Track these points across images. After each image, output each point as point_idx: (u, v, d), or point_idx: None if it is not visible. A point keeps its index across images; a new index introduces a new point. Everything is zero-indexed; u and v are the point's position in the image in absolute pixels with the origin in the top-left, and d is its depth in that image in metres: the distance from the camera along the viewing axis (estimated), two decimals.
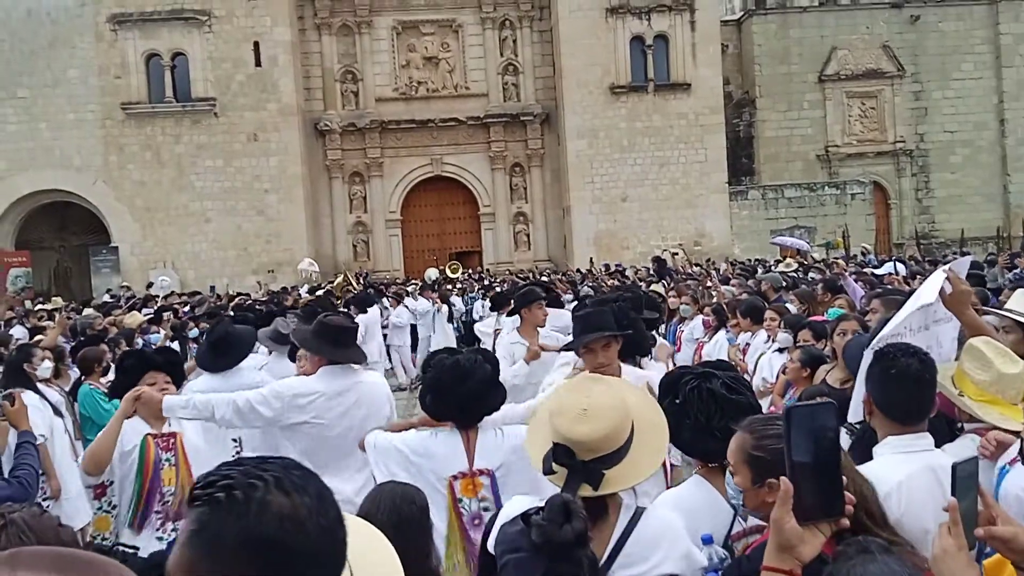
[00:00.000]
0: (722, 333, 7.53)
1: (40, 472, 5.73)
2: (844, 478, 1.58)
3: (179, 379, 4.33)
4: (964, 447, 2.65)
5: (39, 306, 16.12)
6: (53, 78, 25.38)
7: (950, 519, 1.58)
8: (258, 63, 26.01)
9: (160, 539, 3.83)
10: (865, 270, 13.24)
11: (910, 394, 2.47)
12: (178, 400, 3.89)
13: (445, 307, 15.72)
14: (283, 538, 1.12)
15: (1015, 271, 9.89)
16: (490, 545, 2.24)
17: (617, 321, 3.97)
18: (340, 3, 28.04)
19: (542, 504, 2.03)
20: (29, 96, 25.35)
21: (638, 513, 2.27)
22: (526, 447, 2.46)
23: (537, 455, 2.29)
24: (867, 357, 3.13)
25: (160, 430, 3.96)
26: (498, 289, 15.90)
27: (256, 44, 25.97)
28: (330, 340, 4.16)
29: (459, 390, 3.14)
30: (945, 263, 4.45)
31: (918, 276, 9.74)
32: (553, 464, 2.17)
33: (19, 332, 10.64)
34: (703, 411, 2.48)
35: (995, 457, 2.61)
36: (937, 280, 3.15)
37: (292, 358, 5.88)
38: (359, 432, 3.75)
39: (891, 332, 3.04)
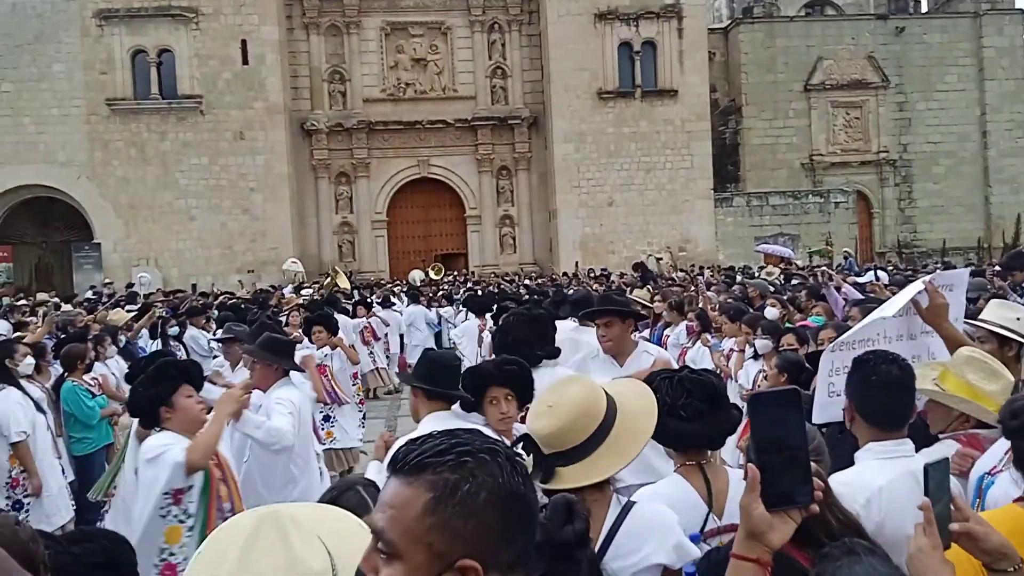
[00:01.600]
0: (705, 338, 7.56)
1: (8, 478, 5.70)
2: (813, 465, 1.59)
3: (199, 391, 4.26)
4: (940, 452, 2.68)
5: (22, 301, 15.97)
6: (38, 72, 25.18)
7: (924, 519, 1.60)
8: (245, 61, 25.90)
9: None
10: (847, 279, 13.32)
11: (891, 400, 2.50)
12: (255, 419, 3.97)
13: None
14: (525, 493, 1.21)
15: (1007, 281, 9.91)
16: None
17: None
18: (329, 3, 27.98)
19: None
20: (13, 90, 25.14)
21: (628, 506, 2.33)
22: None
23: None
24: (825, 360, 3.19)
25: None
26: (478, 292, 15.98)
27: (244, 42, 25.86)
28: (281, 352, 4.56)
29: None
30: (926, 273, 4.49)
31: (899, 286, 9.82)
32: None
33: (1, 327, 10.55)
34: (669, 394, 2.55)
35: (966, 472, 2.66)
36: (910, 291, 3.17)
37: None
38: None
39: (855, 337, 3.09)
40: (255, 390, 4.36)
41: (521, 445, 2.25)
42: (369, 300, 14.58)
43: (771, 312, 6.75)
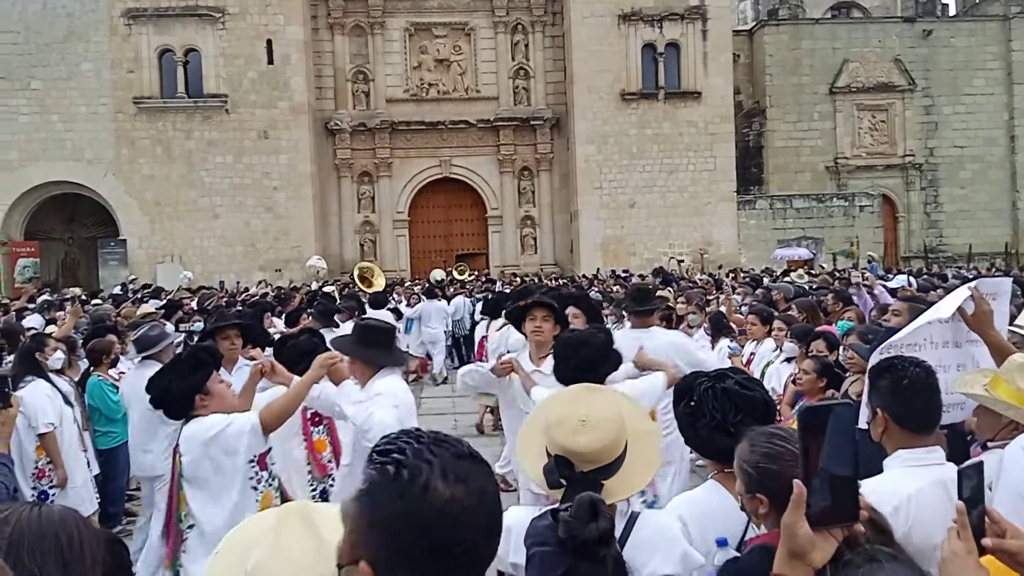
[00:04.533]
0: (724, 341, 7.50)
1: (13, 489, 5.77)
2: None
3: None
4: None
5: (56, 295, 16.19)
6: (67, 71, 25.51)
7: (958, 522, 1.56)
8: (270, 61, 26.10)
9: None
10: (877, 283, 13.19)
11: (924, 402, 2.48)
12: (355, 392, 3.92)
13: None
14: (434, 527, 1.18)
15: None
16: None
17: None
18: (353, 3, 28.12)
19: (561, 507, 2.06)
20: (42, 88, 25.47)
21: (633, 518, 2.30)
22: (519, 457, 2.47)
23: (532, 466, 2.30)
24: (874, 359, 3.13)
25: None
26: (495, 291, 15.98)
27: (269, 42, 26.06)
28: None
29: (576, 356, 3.70)
30: (967, 280, 4.40)
31: (929, 291, 9.70)
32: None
33: (35, 321, 10.69)
34: (718, 408, 2.48)
35: None
36: (959, 296, 3.11)
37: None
38: None
39: (904, 340, 3.03)
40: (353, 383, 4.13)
41: (553, 465, 2.21)
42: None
43: (788, 347, 6.48)
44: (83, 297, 16.25)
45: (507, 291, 14.62)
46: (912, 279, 13.19)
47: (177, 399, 3.67)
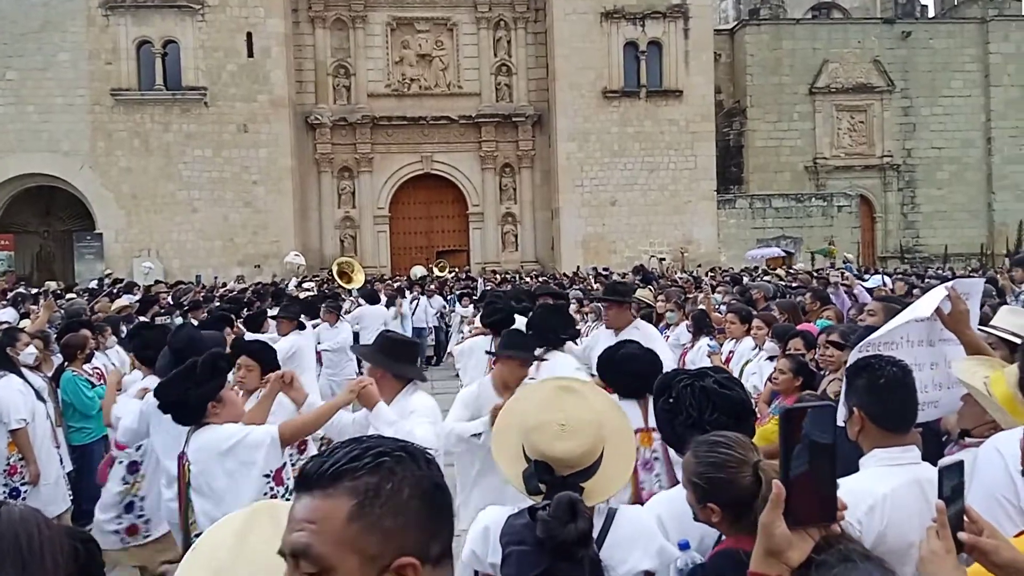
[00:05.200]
0: (704, 340, 7.51)
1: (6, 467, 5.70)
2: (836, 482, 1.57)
3: None
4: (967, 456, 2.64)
5: (30, 289, 15.98)
6: (43, 61, 25.17)
7: (938, 521, 1.56)
8: (250, 54, 25.88)
9: None
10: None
11: (900, 401, 2.49)
12: (389, 415, 3.66)
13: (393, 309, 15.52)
14: (444, 484, 1.21)
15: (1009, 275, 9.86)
16: (471, 540, 2.26)
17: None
18: None
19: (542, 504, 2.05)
20: (17, 79, 25.12)
21: (611, 514, 2.31)
22: (495, 458, 2.45)
23: (511, 471, 2.29)
24: (852, 357, 3.14)
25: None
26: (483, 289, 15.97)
27: (249, 35, 25.84)
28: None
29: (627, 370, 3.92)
30: (942, 280, 4.44)
31: (912, 290, 9.78)
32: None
33: (8, 315, 10.54)
34: (695, 406, 2.51)
35: None
36: (936, 296, 3.13)
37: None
38: None
39: (882, 339, 3.04)
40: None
41: (533, 470, 2.20)
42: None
43: (769, 346, 6.50)
44: (57, 291, 16.06)
45: (490, 289, 14.64)
46: (887, 279, 13.31)
47: (193, 406, 3.60)
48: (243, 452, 3.44)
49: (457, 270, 25.17)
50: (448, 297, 17.86)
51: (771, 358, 5.92)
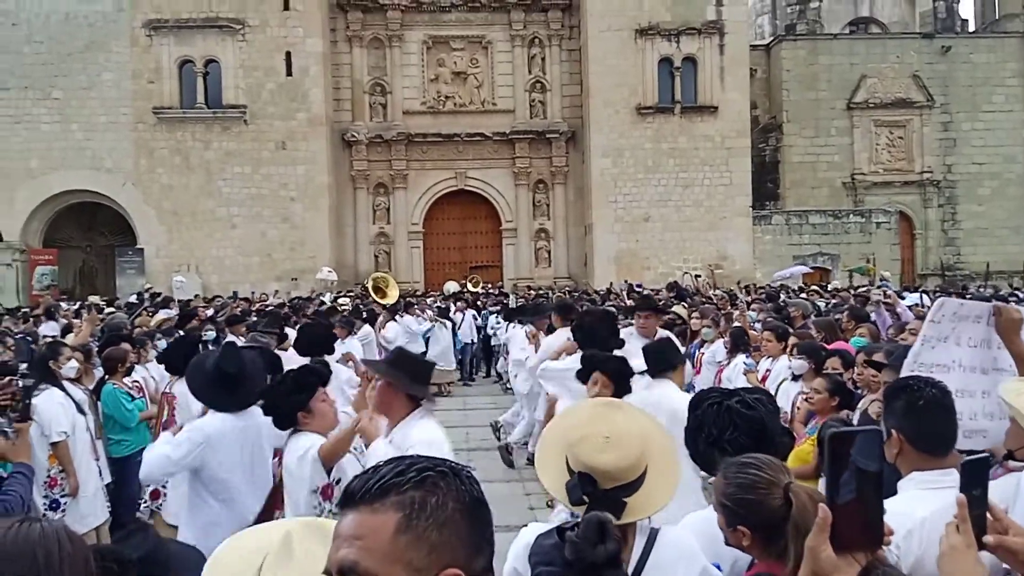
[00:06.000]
0: (740, 357, 7.45)
1: (29, 500, 5.80)
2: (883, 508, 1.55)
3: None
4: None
5: (75, 304, 16.31)
6: (88, 81, 25.80)
7: (958, 516, 1.54)
8: (289, 73, 26.30)
9: None
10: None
11: (939, 424, 2.45)
12: (385, 450, 3.58)
13: (447, 323, 15.72)
14: (485, 500, 1.24)
15: None
16: (512, 558, 2.25)
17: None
18: (372, 16, 28.34)
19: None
20: (63, 97, 25.77)
21: (653, 535, 2.29)
22: (538, 472, 2.46)
23: (553, 483, 2.29)
24: (904, 373, 3.09)
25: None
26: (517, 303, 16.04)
27: (288, 54, 26.27)
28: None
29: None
30: (984, 300, 4.36)
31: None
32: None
33: (50, 328, 10.76)
34: (716, 424, 2.52)
35: None
36: (984, 306, 3.11)
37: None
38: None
39: (934, 360, 3.00)
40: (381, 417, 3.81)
41: (576, 481, 2.20)
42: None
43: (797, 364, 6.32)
44: (100, 305, 16.36)
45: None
46: (926, 297, 13.06)
47: (281, 412, 3.85)
48: (301, 465, 3.65)
49: (490, 286, 25.24)
50: (482, 312, 18.00)
51: (796, 377, 5.85)
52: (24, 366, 6.36)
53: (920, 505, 2.35)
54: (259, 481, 4.35)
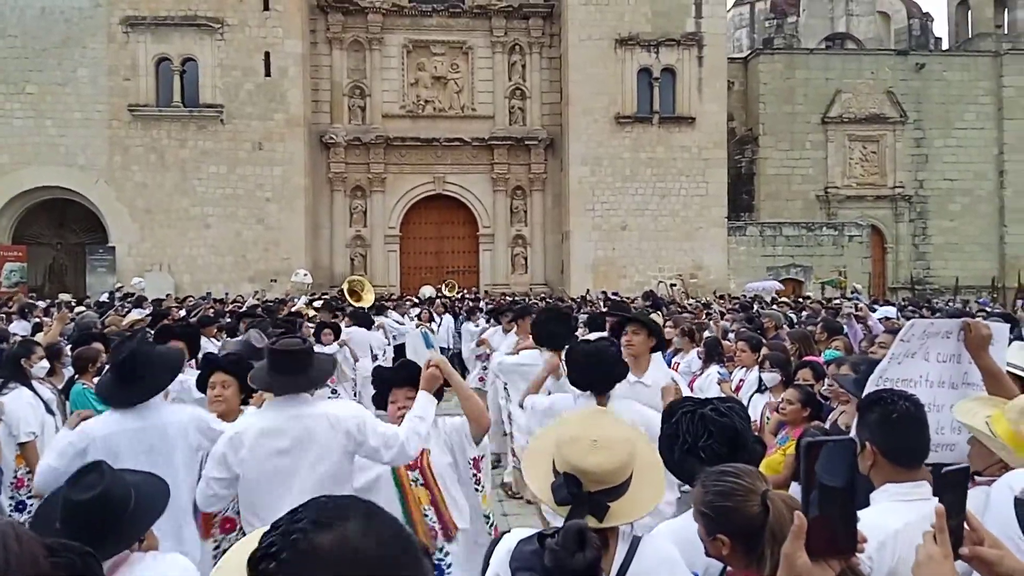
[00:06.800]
0: (714, 367, 7.48)
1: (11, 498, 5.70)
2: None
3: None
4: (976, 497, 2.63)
5: (44, 303, 16.07)
6: (63, 76, 25.47)
7: (936, 525, 1.55)
8: (268, 73, 26.14)
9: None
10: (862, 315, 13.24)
11: (913, 436, 2.48)
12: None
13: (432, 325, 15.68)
14: (345, 571, 1.11)
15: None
16: (495, 563, 2.26)
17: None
18: (353, 19, 28.25)
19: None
20: (37, 93, 25.42)
21: (635, 542, 2.30)
22: (525, 475, 2.47)
23: (539, 484, 2.30)
24: (869, 387, 3.14)
25: None
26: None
27: (267, 54, 26.11)
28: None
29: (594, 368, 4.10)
30: (952, 315, 4.44)
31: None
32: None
33: (21, 327, 10.60)
34: (691, 432, 2.55)
35: None
36: (955, 322, 3.15)
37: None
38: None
39: (899, 375, 3.03)
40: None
41: (562, 482, 2.21)
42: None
43: (769, 376, 6.36)
44: (70, 303, 16.15)
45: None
46: (896, 311, 13.24)
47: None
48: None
49: (465, 291, 25.22)
50: (459, 317, 18.00)
51: (762, 389, 5.89)
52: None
53: (893, 517, 2.38)
54: None
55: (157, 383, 4.09)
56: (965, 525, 1.62)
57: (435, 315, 16.93)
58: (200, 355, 6.89)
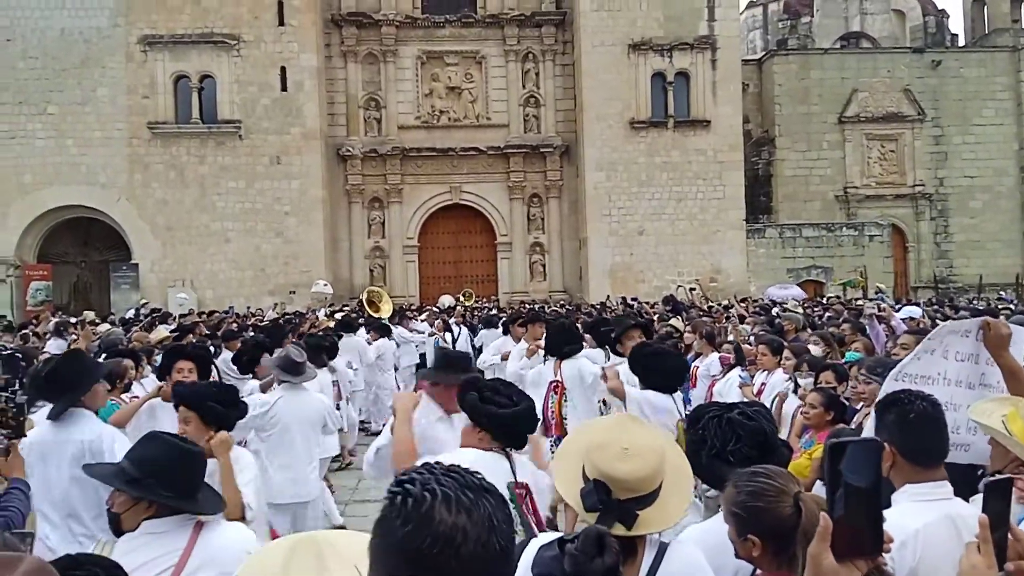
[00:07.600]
0: (735, 371, 7.43)
1: (28, 515, 5.77)
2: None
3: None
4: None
5: (75, 319, 16.29)
6: (82, 96, 25.82)
7: (980, 536, 1.54)
8: (284, 88, 26.37)
9: None
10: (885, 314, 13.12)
11: (931, 436, 2.48)
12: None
13: (447, 335, 15.76)
14: (434, 556, 1.20)
15: None
16: (521, 569, 2.28)
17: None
18: (367, 32, 28.46)
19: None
20: (58, 113, 25.77)
21: (662, 549, 2.30)
22: (555, 479, 2.48)
23: (568, 489, 2.31)
24: (885, 388, 3.13)
25: None
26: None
27: (283, 69, 26.35)
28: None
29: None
30: (975, 313, 4.43)
31: (938, 321, 9.68)
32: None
33: (56, 345, 10.73)
34: (719, 436, 2.54)
35: None
36: (975, 323, 3.15)
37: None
38: None
39: (919, 373, 3.03)
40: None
41: (591, 488, 2.21)
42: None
43: (814, 349, 6.57)
44: (95, 320, 16.34)
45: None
46: (916, 309, 13.11)
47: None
48: None
49: (483, 299, 25.26)
50: (477, 326, 18.00)
51: (795, 391, 5.86)
52: (18, 383, 6.36)
53: (914, 517, 2.38)
54: (59, 507, 4.04)
55: (74, 398, 4.22)
56: (1010, 535, 1.60)
57: (453, 325, 16.97)
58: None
